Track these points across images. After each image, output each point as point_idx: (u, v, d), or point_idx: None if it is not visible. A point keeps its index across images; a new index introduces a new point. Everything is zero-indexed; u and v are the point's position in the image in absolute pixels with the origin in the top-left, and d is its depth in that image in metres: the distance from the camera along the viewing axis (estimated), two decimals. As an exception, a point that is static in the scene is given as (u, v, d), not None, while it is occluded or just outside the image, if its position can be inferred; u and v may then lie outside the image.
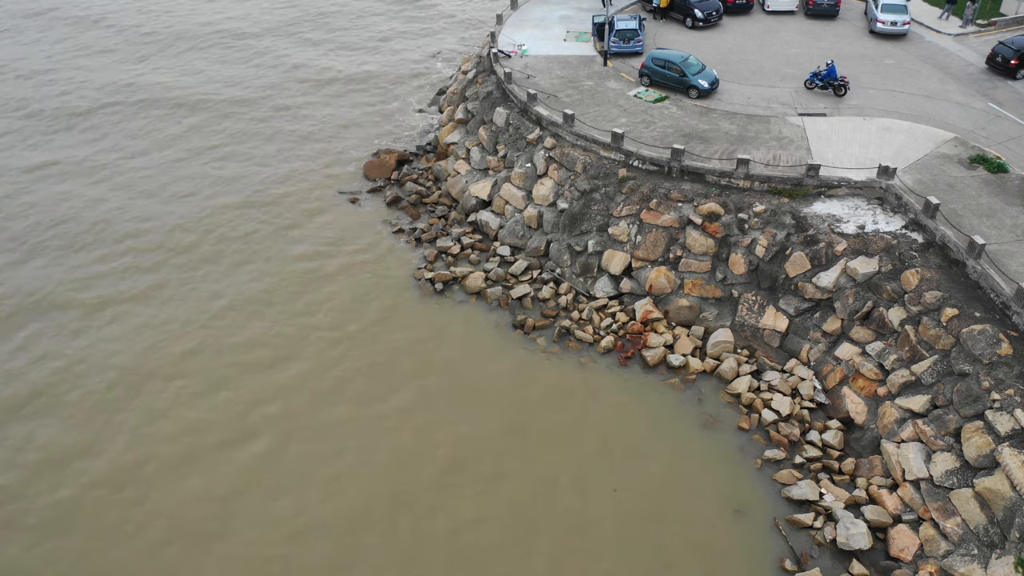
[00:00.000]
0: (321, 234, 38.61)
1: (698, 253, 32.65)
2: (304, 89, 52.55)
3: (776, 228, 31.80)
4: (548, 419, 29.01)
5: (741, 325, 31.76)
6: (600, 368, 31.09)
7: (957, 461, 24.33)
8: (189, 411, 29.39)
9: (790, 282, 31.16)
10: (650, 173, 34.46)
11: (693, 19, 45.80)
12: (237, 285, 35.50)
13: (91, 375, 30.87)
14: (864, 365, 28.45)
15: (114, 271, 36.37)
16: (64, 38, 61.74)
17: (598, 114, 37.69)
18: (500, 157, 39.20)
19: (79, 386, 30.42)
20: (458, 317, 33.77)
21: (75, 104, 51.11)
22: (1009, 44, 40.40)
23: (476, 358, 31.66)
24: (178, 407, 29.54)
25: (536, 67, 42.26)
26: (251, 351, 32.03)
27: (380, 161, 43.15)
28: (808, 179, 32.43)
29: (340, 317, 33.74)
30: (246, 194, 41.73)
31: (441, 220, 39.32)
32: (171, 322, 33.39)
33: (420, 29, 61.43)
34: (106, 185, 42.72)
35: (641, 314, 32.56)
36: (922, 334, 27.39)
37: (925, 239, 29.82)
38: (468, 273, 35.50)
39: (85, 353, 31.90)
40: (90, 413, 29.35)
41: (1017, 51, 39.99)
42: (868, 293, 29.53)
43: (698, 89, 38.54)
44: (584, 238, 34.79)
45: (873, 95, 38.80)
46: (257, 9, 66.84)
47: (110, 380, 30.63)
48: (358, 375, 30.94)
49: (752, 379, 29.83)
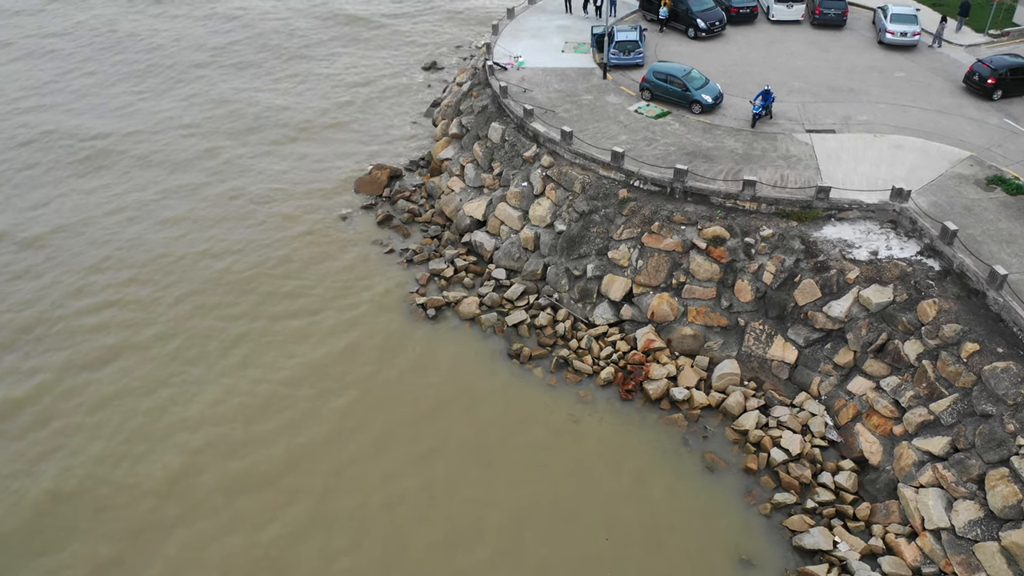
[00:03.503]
0: (308, 254, 36.99)
1: (702, 279, 31.10)
2: (291, 100, 50.91)
3: (784, 253, 30.26)
4: (541, 459, 27.45)
5: (748, 356, 30.20)
6: (599, 402, 29.54)
7: (981, 511, 22.79)
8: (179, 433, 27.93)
9: (799, 311, 29.61)
10: (652, 194, 32.91)
11: (696, 29, 44.24)
12: (221, 305, 33.94)
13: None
14: (879, 401, 26.90)
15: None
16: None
17: (597, 131, 36.15)
18: (495, 175, 37.66)
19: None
20: (451, 345, 32.22)
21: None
22: (987, 62, 38.15)
23: (469, 391, 30.10)
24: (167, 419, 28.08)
25: (533, 80, 40.72)
26: (230, 375, 30.52)
27: (372, 178, 41.59)
28: (818, 201, 30.89)
29: (325, 344, 32.16)
30: (228, 210, 40.10)
31: (434, 240, 37.78)
32: (159, 354, 31.89)
33: (417, 36, 59.63)
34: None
35: (643, 343, 31.02)
36: (941, 370, 25.83)
37: (942, 266, 28.27)
38: (462, 298, 33.97)
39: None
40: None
41: (995, 70, 37.71)
42: (882, 324, 27.98)
43: (701, 104, 36.99)
44: (583, 262, 33.24)
45: (883, 110, 37.25)
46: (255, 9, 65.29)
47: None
48: (342, 411, 29.36)
49: (760, 414, 28.29)
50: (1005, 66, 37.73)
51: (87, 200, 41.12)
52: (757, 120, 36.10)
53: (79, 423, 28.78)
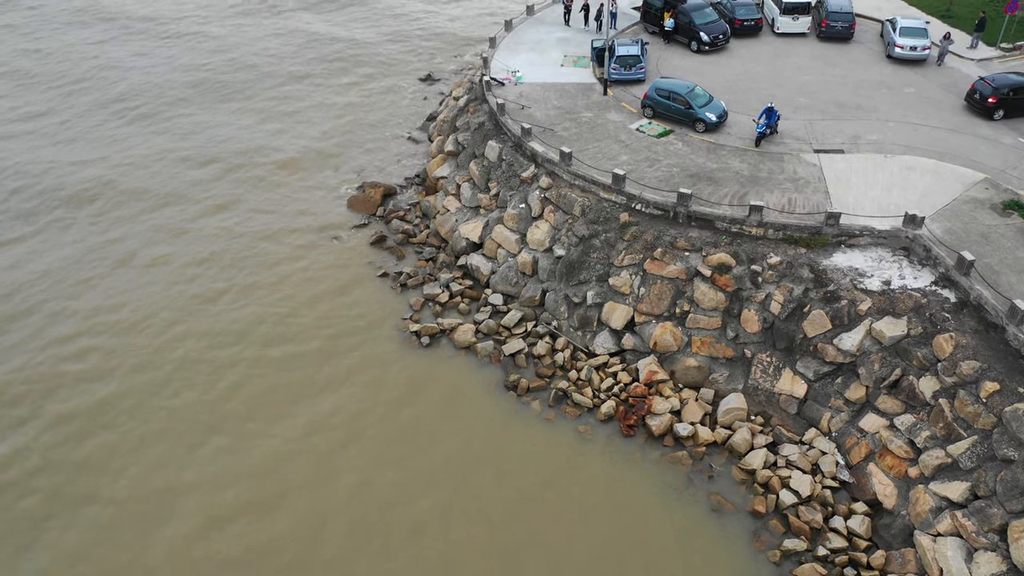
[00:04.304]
0: (298, 279, 35.72)
1: (707, 308, 29.87)
2: (283, 112, 49.66)
3: (793, 282, 29.02)
4: (538, 499, 26.21)
5: (755, 389, 28.96)
6: (600, 438, 28.29)
7: (1004, 564, 21.55)
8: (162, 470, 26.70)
9: (808, 343, 28.37)
10: (654, 218, 31.67)
11: (699, 43, 42.98)
12: (203, 325, 32.70)
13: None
14: (892, 441, 25.65)
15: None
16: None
17: (598, 150, 34.91)
18: (492, 195, 36.41)
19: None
20: (446, 376, 30.96)
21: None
22: (989, 80, 36.53)
23: (464, 427, 28.83)
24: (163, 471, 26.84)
25: (531, 96, 39.48)
26: (215, 406, 29.29)
27: (365, 196, 40.33)
28: (827, 228, 29.65)
29: (314, 374, 30.92)
30: (213, 231, 38.86)
31: (429, 263, 36.53)
32: (135, 354, 30.64)
33: (413, 46, 58.33)
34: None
35: (645, 375, 29.78)
36: (959, 410, 24.59)
37: (958, 298, 27.03)
38: (457, 325, 32.72)
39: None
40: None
41: (996, 88, 36.08)
42: (896, 359, 26.74)
43: (705, 123, 35.75)
44: (583, 288, 32.01)
45: (893, 129, 36.01)
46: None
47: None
48: (327, 450, 28.09)
49: (768, 453, 27.06)
50: (1007, 85, 36.11)
51: (74, 231, 39.87)
52: (761, 139, 34.88)
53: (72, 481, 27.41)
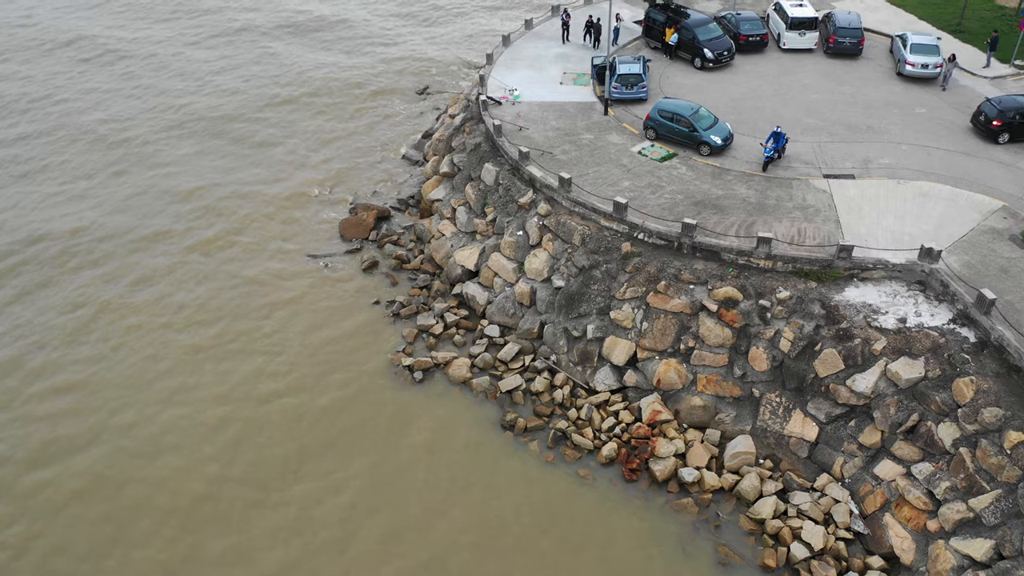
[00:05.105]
0: (287, 309, 34.28)
1: (713, 345, 28.51)
2: (272, 128, 48.26)
3: (803, 319, 27.66)
4: (536, 548, 24.88)
5: (763, 430, 27.60)
6: (601, 483, 26.93)
7: (1032, 633, 20.22)
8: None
9: (820, 383, 27.01)
10: (658, 248, 30.31)
11: (702, 59, 41.61)
12: (185, 358, 31.37)
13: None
14: (910, 491, 24.29)
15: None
16: None
17: (598, 175, 33.55)
18: (489, 221, 35.05)
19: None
20: (439, 414, 29.61)
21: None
22: (995, 102, 34.95)
23: (457, 470, 27.48)
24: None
25: (529, 116, 38.10)
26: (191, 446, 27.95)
27: (357, 219, 38.94)
28: (839, 260, 28.30)
29: (300, 413, 29.55)
30: (199, 259, 37.46)
31: (423, 291, 35.15)
32: (113, 398, 29.27)
33: (410, 57, 56.83)
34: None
35: (648, 414, 28.42)
36: (981, 460, 23.24)
37: (978, 337, 25.68)
38: (452, 359, 31.38)
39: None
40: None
41: (1002, 111, 34.40)
42: (913, 403, 25.40)
43: (710, 146, 34.37)
44: (583, 321, 30.65)
45: (906, 152, 34.65)
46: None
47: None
48: (304, 495, 26.73)
49: (778, 500, 25.70)
50: (1015, 108, 34.46)
51: (59, 270, 38.54)
52: (769, 164, 33.53)
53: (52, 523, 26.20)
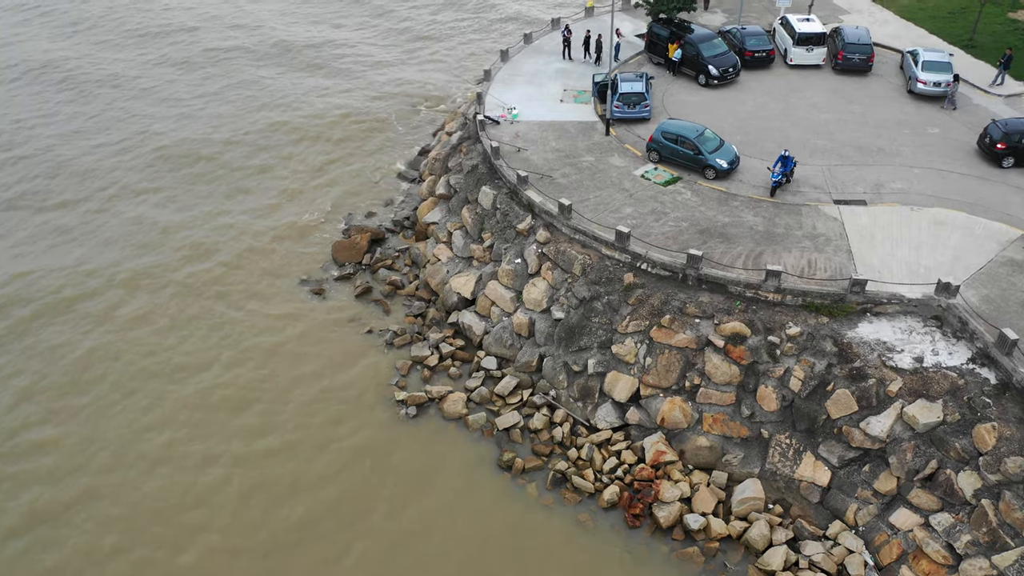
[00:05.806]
0: (274, 337, 33.08)
1: (720, 382, 27.24)
2: (263, 144, 46.98)
3: (814, 356, 26.39)
4: (538, 606, 23.67)
5: (772, 474, 26.32)
6: (603, 530, 25.66)
7: None
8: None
9: (832, 424, 25.75)
10: (662, 280, 29.05)
11: (707, 76, 40.34)
12: (168, 391, 30.13)
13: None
14: (928, 543, 23.02)
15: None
16: None
17: (599, 200, 32.30)
18: (486, 247, 33.80)
19: None
20: (433, 452, 28.36)
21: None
22: (1002, 124, 33.56)
23: (451, 515, 26.20)
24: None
25: (528, 136, 36.84)
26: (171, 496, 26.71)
27: (351, 242, 37.67)
28: (852, 295, 27.04)
29: (289, 450, 28.30)
30: (188, 284, 36.19)
31: (418, 319, 33.89)
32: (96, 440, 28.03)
33: (410, 68, 55.50)
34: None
35: (651, 455, 27.16)
36: (1005, 514, 21.97)
37: (999, 379, 24.41)
38: (447, 393, 30.14)
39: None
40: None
41: (1007, 134, 33.01)
42: (931, 448, 24.13)
43: (716, 169, 33.12)
44: (583, 355, 29.38)
45: (919, 176, 33.38)
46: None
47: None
48: (296, 537, 25.50)
49: (788, 550, 24.42)
50: (1020, 131, 33.04)
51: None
52: (777, 189, 32.28)
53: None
